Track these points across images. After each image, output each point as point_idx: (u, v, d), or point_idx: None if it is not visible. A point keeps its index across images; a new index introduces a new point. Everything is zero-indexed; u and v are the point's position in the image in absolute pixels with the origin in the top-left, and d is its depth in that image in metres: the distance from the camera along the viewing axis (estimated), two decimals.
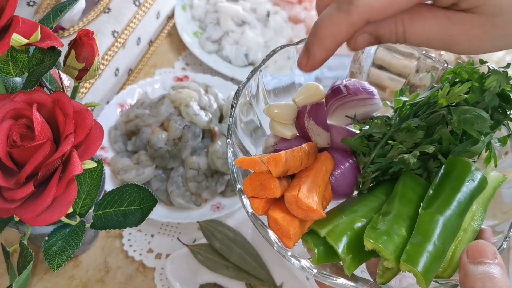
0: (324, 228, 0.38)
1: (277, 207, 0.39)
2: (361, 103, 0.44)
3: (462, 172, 0.39)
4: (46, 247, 0.42)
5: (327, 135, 0.44)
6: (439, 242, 0.35)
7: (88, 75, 0.41)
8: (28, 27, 0.36)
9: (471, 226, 0.38)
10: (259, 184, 0.38)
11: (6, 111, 0.36)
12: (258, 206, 0.39)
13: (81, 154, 0.36)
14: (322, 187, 0.40)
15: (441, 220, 0.36)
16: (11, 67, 0.38)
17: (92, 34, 0.40)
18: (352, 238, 0.38)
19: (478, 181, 0.39)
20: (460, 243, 0.37)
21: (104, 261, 0.62)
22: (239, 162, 0.39)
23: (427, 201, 0.38)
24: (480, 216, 0.39)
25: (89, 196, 0.46)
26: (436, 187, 0.39)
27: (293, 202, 0.37)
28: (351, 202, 0.42)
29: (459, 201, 0.37)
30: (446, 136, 0.39)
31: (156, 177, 0.68)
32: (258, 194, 0.39)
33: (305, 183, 0.38)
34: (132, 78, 0.82)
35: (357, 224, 0.38)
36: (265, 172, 0.38)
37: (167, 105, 0.72)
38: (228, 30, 0.87)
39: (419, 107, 0.42)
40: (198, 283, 0.61)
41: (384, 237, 0.36)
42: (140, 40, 0.80)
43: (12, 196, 0.35)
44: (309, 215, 0.37)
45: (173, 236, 0.66)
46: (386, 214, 0.38)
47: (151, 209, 0.45)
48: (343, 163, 0.43)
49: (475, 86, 0.38)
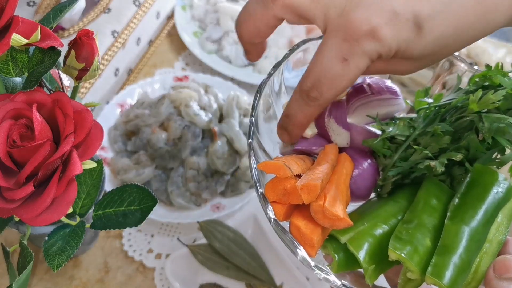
0: (346, 235, 0.37)
1: (299, 214, 0.37)
2: (384, 103, 0.42)
3: (489, 181, 0.38)
4: (46, 247, 0.42)
5: (347, 135, 0.43)
6: (465, 254, 0.35)
7: (88, 75, 0.41)
8: (28, 27, 0.36)
9: (496, 238, 0.37)
10: (283, 189, 0.37)
11: (6, 111, 0.36)
12: (280, 212, 0.37)
13: (81, 154, 0.36)
14: (344, 192, 0.39)
15: (467, 231, 0.35)
16: (11, 67, 0.38)
17: (92, 34, 0.40)
18: (373, 245, 0.37)
19: (504, 191, 0.38)
20: (485, 255, 0.36)
21: (104, 261, 0.62)
22: (262, 166, 0.37)
23: (452, 211, 0.37)
24: (505, 227, 0.38)
25: (89, 196, 0.46)
26: (462, 196, 0.38)
27: (319, 211, 0.36)
28: (371, 206, 0.41)
29: (486, 211, 0.36)
30: (475, 143, 0.38)
31: (156, 177, 0.68)
32: (281, 200, 0.37)
33: (329, 191, 0.37)
34: (132, 78, 0.82)
35: (378, 230, 0.37)
36: (290, 177, 0.37)
37: (167, 105, 0.72)
38: (228, 30, 0.87)
39: (446, 110, 0.41)
40: (198, 283, 0.61)
41: (408, 247, 0.35)
42: (140, 40, 0.80)
43: (12, 196, 0.35)
44: (336, 224, 0.36)
45: (173, 236, 0.66)
46: (409, 222, 0.37)
47: (151, 209, 0.45)
48: (362, 164, 0.42)
49: (509, 93, 0.37)
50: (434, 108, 0.42)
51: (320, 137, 0.44)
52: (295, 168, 0.37)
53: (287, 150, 0.44)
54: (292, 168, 0.37)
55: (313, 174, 0.37)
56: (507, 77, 0.38)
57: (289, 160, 0.38)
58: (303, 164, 0.39)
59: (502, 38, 0.83)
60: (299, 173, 0.37)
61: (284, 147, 0.44)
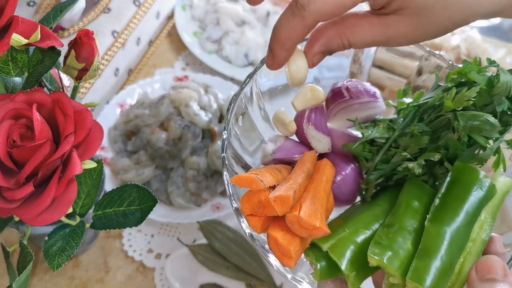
0: (327, 243, 0.37)
1: (276, 225, 0.37)
2: (363, 106, 0.42)
3: (470, 180, 0.37)
4: (46, 247, 0.42)
5: (328, 140, 0.43)
6: (446, 257, 0.34)
7: (88, 75, 0.41)
8: (28, 27, 0.36)
9: (480, 237, 0.36)
10: (257, 202, 0.36)
11: (6, 111, 0.36)
12: (257, 224, 0.37)
13: (81, 154, 0.36)
14: (324, 198, 0.39)
15: (448, 233, 0.35)
16: (11, 67, 0.38)
17: (92, 34, 0.40)
18: (355, 252, 0.36)
19: (486, 189, 0.37)
20: (469, 255, 0.36)
21: (104, 261, 0.62)
22: (235, 180, 0.37)
23: (433, 212, 0.36)
24: (489, 225, 0.37)
25: (89, 196, 0.46)
26: (442, 197, 0.37)
27: (295, 222, 0.35)
28: (354, 211, 0.40)
29: (467, 211, 0.36)
30: (453, 142, 0.38)
31: (156, 177, 0.68)
32: (257, 212, 0.37)
33: (306, 200, 0.37)
34: (132, 78, 0.82)
35: (360, 236, 0.37)
36: (263, 190, 0.36)
37: (167, 105, 0.72)
38: (228, 30, 0.87)
39: (424, 110, 0.40)
40: (198, 283, 0.61)
41: (388, 253, 0.35)
42: (140, 40, 0.80)
43: (12, 196, 0.35)
44: (313, 233, 0.36)
45: (173, 236, 0.66)
46: (390, 226, 0.37)
47: (151, 209, 0.45)
48: (345, 169, 0.41)
49: (483, 89, 0.37)
50: (413, 108, 0.41)
51: (300, 145, 0.43)
52: (269, 180, 0.37)
53: (267, 160, 0.43)
54: (265, 180, 0.36)
55: (287, 185, 0.37)
56: (481, 74, 0.37)
57: (262, 172, 0.37)
58: (279, 175, 0.39)
59: (502, 38, 0.83)
60: (273, 184, 0.37)
61: (264, 157, 0.43)
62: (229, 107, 0.41)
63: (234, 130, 0.43)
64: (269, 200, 0.35)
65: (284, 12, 0.36)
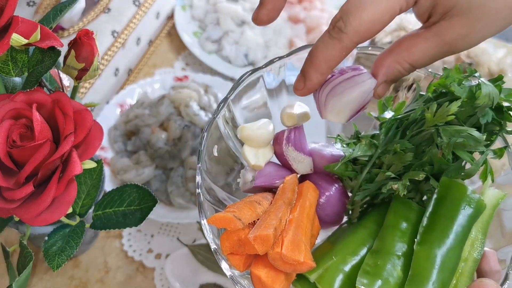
0: (314, 273, 0.35)
1: (259, 262, 0.35)
2: (350, 82, 0.38)
3: (457, 197, 0.35)
4: (46, 247, 0.42)
5: (309, 161, 0.41)
6: (438, 282, 0.32)
7: (88, 75, 0.41)
8: (28, 27, 0.36)
9: (472, 256, 0.35)
10: (237, 240, 0.35)
11: (6, 111, 0.36)
12: (239, 262, 0.35)
13: (81, 154, 0.36)
14: (308, 227, 0.37)
15: (438, 256, 0.33)
16: (11, 67, 0.38)
17: (91, 34, 0.40)
18: (344, 281, 0.35)
19: (475, 205, 0.35)
20: (461, 276, 0.34)
21: (104, 261, 0.62)
22: (212, 220, 0.35)
23: (421, 234, 0.35)
24: (480, 242, 0.36)
25: (89, 196, 0.46)
26: (430, 216, 0.35)
27: (278, 259, 0.34)
28: (340, 235, 0.39)
29: (457, 231, 0.34)
30: (437, 158, 0.36)
31: (156, 177, 0.68)
32: (237, 251, 0.35)
33: (288, 233, 0.35)
34: (132, 78, 0.82)
35: (348, 264, 0.36)
36: (242, 228, 0.35)
37: (167, 105, 0.72)
38: (228, 30, 0.87)
39: (406, 125, 0.38)
40: (198, 283, 0.61)
41: (378, 282, 0.33)
42: (140, 40, 0.80)
43: (12, 196, 0.35)
44: (298, 268, 0.34)
45: (173, 236, 0.66)
46: (378, 252, 0.35)
47: (151, 209, 0.45)
48: (328, 189, 0.40)
49: (465, 102, 0.35)
50: (395, 121, 0.39)
51: (281, 168, 0.42)
52: (248, 216, 0.35)
53: (248, 188, 0.41)
54: (243, 218, 0.35)
55: (266, 220, 0.35)
56: (462, 86, 0.35)
57: (240, 208, 0.36)
58: (259, 208, 0.37)
59: (502, 38, 0.83)
60: (253, 219, 0.36)
61: (244, 185, 0.41)
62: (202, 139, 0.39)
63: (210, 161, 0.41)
64: (249, 239, 0.34)
65: (322, 36, 0.36)
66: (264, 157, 0.41)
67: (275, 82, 0.46)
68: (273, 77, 0.46)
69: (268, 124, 0.41)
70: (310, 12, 0.91)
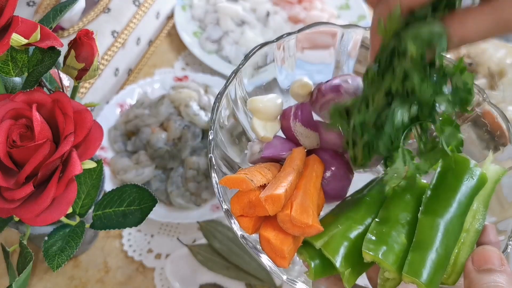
0: (320, 240, 0.36)
1: (268, 225, 0.36)
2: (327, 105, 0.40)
3: (460, 170, 0.37)
4: (46, 247, 0.42)
5: (316, 136, 0.42)
6: (441, 248, 0.34)
7: (88, 75, 0.41)
8: (27, 27, 0.36)
9: (473, 226, 0.36)
10: (248, 202, 0.35)
11: (6, 111, 0.36)
12: (248, 225, 0.36)
13: (81, 154, 0.36)
14: (315, 195, 0.38)
15: (442, 224, 0.34)
16: (10, 67, 0.38)
17: (91, 34, 0.40)
18: (349, 248, 0.36)
19: (477, 178, 0.37)
20: (463, 246, 0.35)
21: (104, 261, 0.62)
22: (224, 181, 0.36)
23: (425, 204, 0.36)
24: (482, 214, 0.37)
25: (88, 196, 0.46)
26: (434, 188, 0.37)
27: (287, 221, 0.35)
28: (345, 206, 0.40)
29: (459, 201, 0.36)
30: (409, 67, 0.33)
31: (155, 177, 0.68)
32: (247, 213, 0.36)
33: (297, 197, 0.36)
34: (131, 78, 0.82)
35: (353, 232, 0.36)
36: (253, 189, 0.35)
37: (167, 105, 0.72)
38: (228, 30, 0.87)
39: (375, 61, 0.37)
40: (198, 283, 0.61)
41: (383, 247, 0.34)
42: (139, 40, 0.80)
43: (12, 196, 0.35)
44: (306, 231, 0.35)
45: (173, 236, 0.66)
46: (383, 220, 0.36)
47: (151, 209, 0.45)
48: (334, 164, 0.41)
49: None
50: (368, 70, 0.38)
51: (288, 141, 0.42)
52: (259, 179, 0.36)
53: (255, 159, 0.42)
54: (255, 179, 0.36)
55: (277, 183, 0.36)
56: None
57: (252, 171, 0.36)
58: (268, 174, 0.38)
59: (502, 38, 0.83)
60: (263, 183, 0.36)
61: (252, 156, 0.42)
62: (214, 106, 0.40)
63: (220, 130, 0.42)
64: (260, 200, 0.34)
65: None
66: (272, 129, 0.42)
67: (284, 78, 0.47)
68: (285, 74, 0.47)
69: (277, 98, 0.43)
70: (310, 12, 0.91)
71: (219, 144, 0.41)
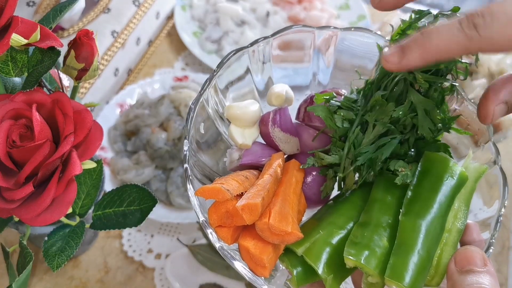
0: (301, 247, 0.35)
1: (247, 234, 0.35)
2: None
3: (440, 169, 0.36)
4: (46, 247, 0.42)
5: (296, 141, 0.41)
6: (423, 250, 0.33)
7: (88, 75, 0.41)
8: (27, 27, 0.36)
9: (455, 226, 0.36)
10: (225, 212, 0.35)
11: (5, 111, 0.36)
12: (227, 235, 0.35)
13: (81, 154, 0.36)
14: (295, 201, 0.37)
15: (423, 226, 0.34)
16: (10, 67, 0.38)
17: (91, 34, 0.40)
18: (331, 254, 0.35)
19: (457, 177, 0.36)
20: (446, 246, 0.35)
21: (104, 261, 0.62)
22: (199, 192, 0.35)
23: (406, 205, 0.36)
24: (463, 213, 0.37)
25: (88, 196, 0.46)
26: (414, 188, 0.36)
27: (265, 229, 0.34)
28: (326, 211, 0.39)
29: (440, 201, 0.35)
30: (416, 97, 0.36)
31: (155, 177, 0.68)
32: (225, 223, 0.35)
33: (275, 205, 0.35)
34: (131, 78, 0.82)
35: (335, 237, 0.36)
36: (230, 199, 0.34)
37: (167, 105, 0.72)
38: (228, 30, 0.87)
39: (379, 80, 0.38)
40: (198, 283, 0.61)
41: (365, 252, 0.34)
42: (139, 40, 0.80)
43: (12, 197, 0.35)
44: (285, 239, 0.34)
45: (173, 236, 0.66)
46: (365, 224, 0.36)
47: (151, 209, 0.45)
48: (314, 168, 0.40)
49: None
50: (369, 85, 0.39)
51: (268, 147, 0.42)
52: (235, 188, 0.35)
53: (234, 167, 0.41)
54: (231, 189, 0.35)
55: (254, 191, 0.35)
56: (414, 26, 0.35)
57: (228, 180, 0.36)
58: (246, 181, 0.37)
59: None
60: (241, 192, 0.36)
61: (231, 164, 0.41)
62: (188, 115, 0.39)
63: (196, 138, 0.41)
64: (237, 209, 0.33)
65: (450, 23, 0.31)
66: (251, 136, 0.41)
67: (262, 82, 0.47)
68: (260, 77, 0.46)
69: (255, 104, 0.42)
70: (310, 12, 0.91)
71: (195, 153, 0.40)
